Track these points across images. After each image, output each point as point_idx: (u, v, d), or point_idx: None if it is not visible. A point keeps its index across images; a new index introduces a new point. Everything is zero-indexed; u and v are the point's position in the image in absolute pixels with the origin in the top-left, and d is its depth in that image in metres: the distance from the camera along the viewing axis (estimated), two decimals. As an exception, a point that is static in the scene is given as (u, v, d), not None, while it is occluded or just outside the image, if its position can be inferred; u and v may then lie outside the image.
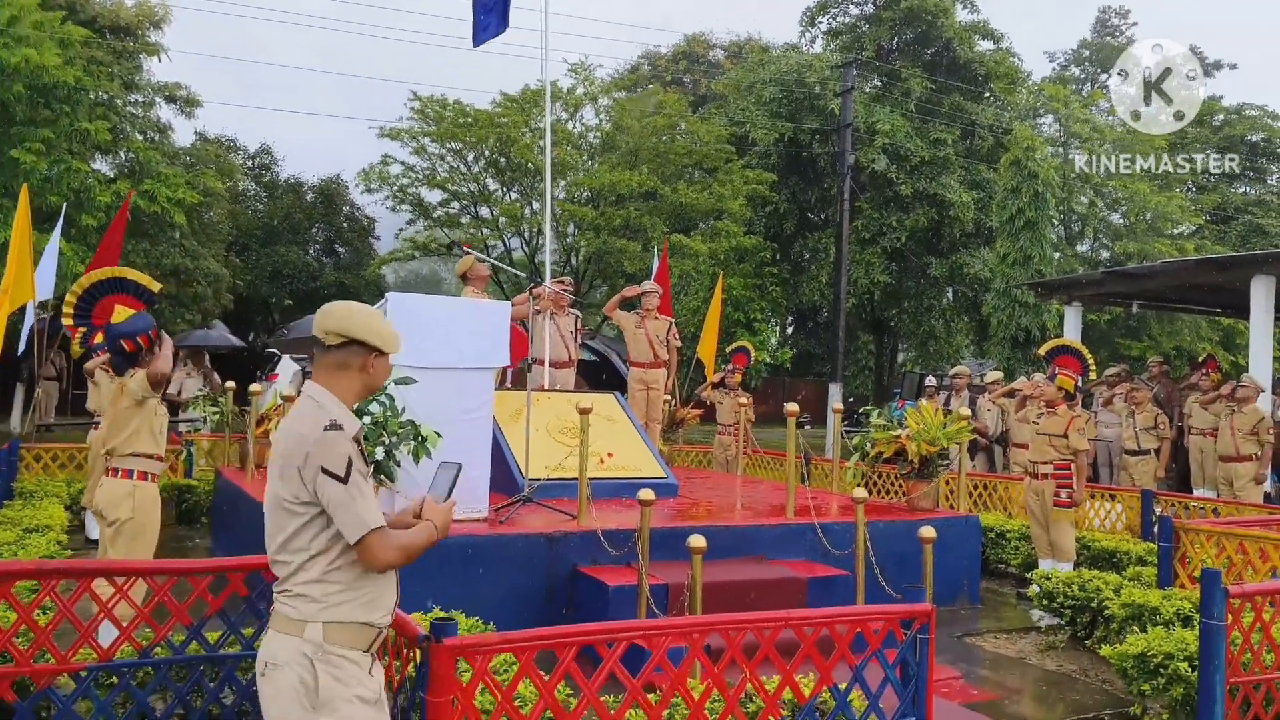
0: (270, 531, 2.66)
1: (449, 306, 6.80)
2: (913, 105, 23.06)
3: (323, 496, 2.55)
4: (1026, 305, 19.08)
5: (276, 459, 2.63)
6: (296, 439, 2.58)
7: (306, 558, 2.59)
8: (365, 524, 2.58)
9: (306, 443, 2.55)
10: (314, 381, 2.72)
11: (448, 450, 6.38)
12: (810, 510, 7.29)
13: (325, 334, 2.69)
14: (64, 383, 19.20)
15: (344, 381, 2.71)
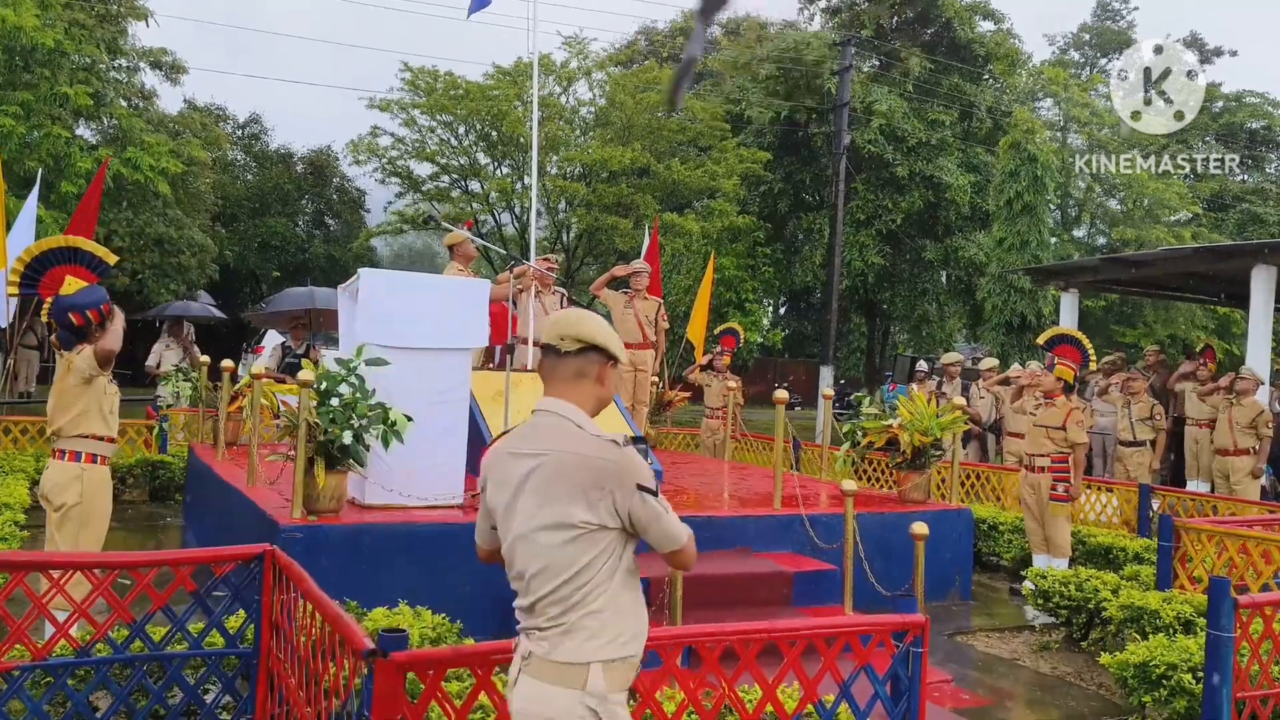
0: (539, 569, 2.32)
1: (424, 284, 6.50)
2: (911, 86, 22.69)
3: (636, 514, 2.32)
4: (1022, 290, 18.82)
5: (547, 486, 2.33)
6: (579, 461, 2.31)
7: (592, 589, 2.31)
8: (682, 530, 2.42)
9: (604, 463, 2.30)
10: (554, 396, 2.43)
11: (421, 435, 6.11)
12: (798, 501, 7.04)
13: (561, 339, 2.43)
14: (45, 351, 18.86)
15: (583, 392, 2.45)
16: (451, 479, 6.47)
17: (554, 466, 2.32)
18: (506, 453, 2.41)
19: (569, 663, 2.27)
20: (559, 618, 2.29)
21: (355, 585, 5.67)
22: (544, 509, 2.31)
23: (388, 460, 6.06)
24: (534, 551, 2.32)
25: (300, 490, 5.68)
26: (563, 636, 2.28)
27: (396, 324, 6.24)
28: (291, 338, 11.57)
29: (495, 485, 2.43)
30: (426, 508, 6.29)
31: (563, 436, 2.36)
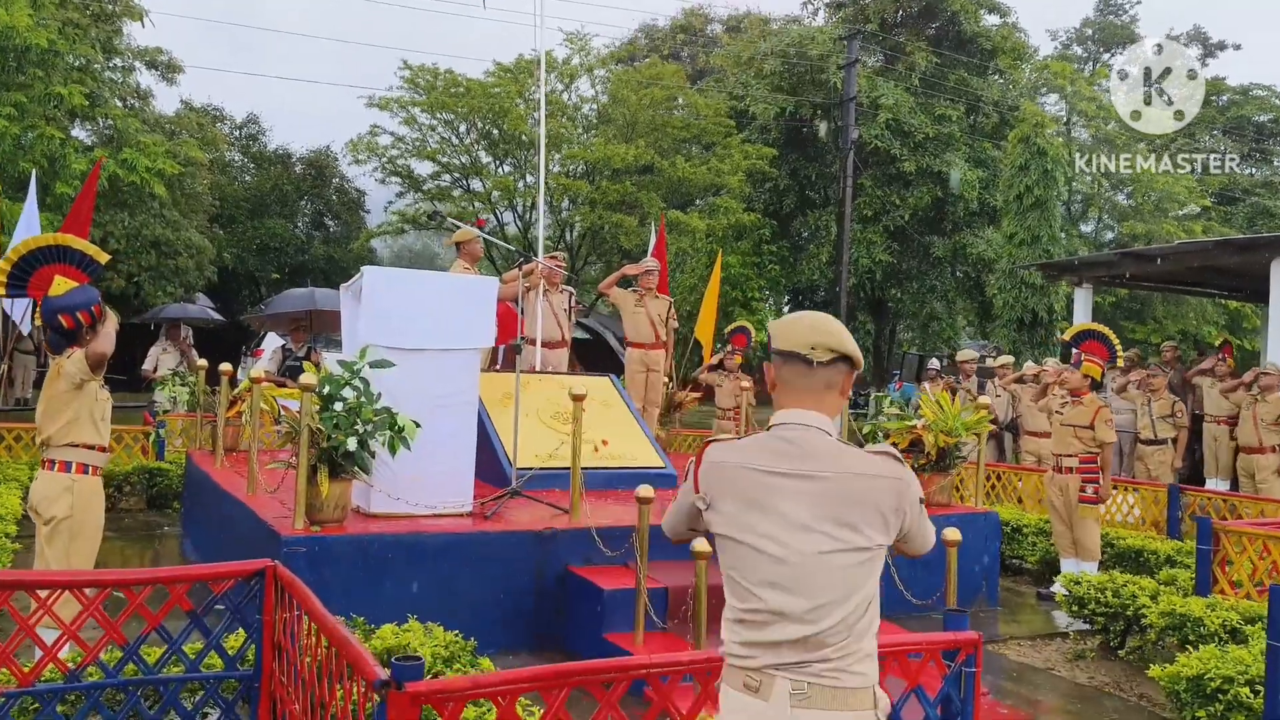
0: (831, 598, 2.13)
1: (430, 282, 6.24)
2: (917, 80, 22.42)
3: (912, 526, 2.28)
4: (1033, 286, 18.54)
5: (838, 509, 2.15)
6: (872, 483, 2.17)
7: (874, 609, 2.20)
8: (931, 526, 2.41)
9: (898, 483, 2.21)
10: (802, 408, 2.23)
11: (428, 440, 5.86)
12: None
13: (813, 349, 2.23)
14: (41, 356, 18.61)
15: (830, 404, 2.27)
16: (460, 486, 6.22)
17: (842, 488, 2.15)
18: (755, 469, 2.18)
19: (859, 688, 2.14)
20: (849, 645, 2.14)
21: (361, 598, 5.43)
22: (837, 533, 2.14)
23: (393, 467, 5.81)
24: (826, 580, 2.13)
25: (303, 500, 5.42)
26: (853, 662, 2.14)
27: (401, 324, 5.99)
28: (292, 340, 11.32)
29: (740, 504, 2.19)
30: (434, 516, 6.03)
31: (838, 455, 2.19)
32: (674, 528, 2.42)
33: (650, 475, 7.93)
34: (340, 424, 5.43)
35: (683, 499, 2.33)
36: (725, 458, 2.23)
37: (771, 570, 2.13)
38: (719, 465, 2.23)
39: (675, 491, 2.25)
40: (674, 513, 2.39)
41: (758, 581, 2.14)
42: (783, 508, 2.14)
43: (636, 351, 10.14)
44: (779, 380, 2.28)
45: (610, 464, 7.85)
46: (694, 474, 2.28)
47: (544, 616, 5.92)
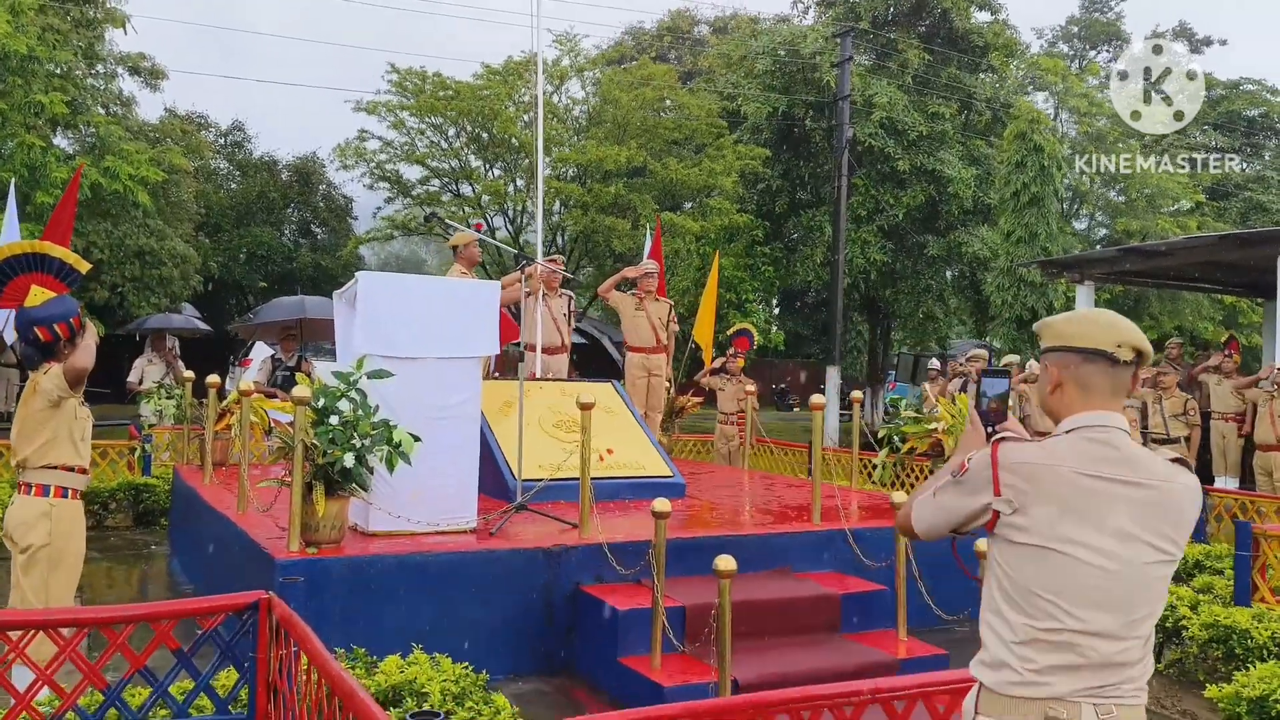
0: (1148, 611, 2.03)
1: (429, 288, 5.93)
2: (910, 78, 22.20)
3: None
4: (1032, 284, 18.31)
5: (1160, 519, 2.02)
6: (1184, 491, 2.06)
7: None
8: None
9: (1194, 491, 2.08)
10: (1105, 410, 2.08)
11: (429, 454, 5.55)
12: (840, 514, 6.49)
13: (1119, 346, 2.09)
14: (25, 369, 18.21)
15: (1121, 404, 2.17)
16: (463, 501, 5.91)
17: (1166, 497, 2.04)
18: (1078, 473, 2.01)
19: (1145, 705, 2.07)
20: (1148, 661, 2.05)
21: (361, 623, 5.11)
22: (1159, 544, 2.03)
23: (393, 483, 5.49)
24: (1144, 594, 2.02)
25: (298, 520, 5.10)
26: (1147, 678, 2.06)
27: (399, 332, 5.67)
28: (281, 349, 10.98)
29: (1058, 511, 2.00)
30: (437, 533, 5.72)
31: (1152, 461, 2.07)
32: (933, 526, 2.21)
33: (658, 485, 7.66)
34: (336, 438, 5.11)
35: (961, 499, 2.12)
36: (1035, 458, 2.03)
37: (1094, 585, 1.97)
38: (1030, 466, 2.02)
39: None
40: (938, 510, 2.18)
41: (1074, 598, 1.97)
42: (1110, 517, 1.99)
43: (637, 356, 9.85)
44: (1073, 381, 2.11)
45: (616, 474, 7.55)
46: (991, 474, 2.05)
47: (554, 639, 5.61)
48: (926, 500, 2.19)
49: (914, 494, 2.29)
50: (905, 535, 2.31)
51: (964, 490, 2.09)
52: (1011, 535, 2.02)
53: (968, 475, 2.09)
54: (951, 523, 2.15)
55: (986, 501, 2.04)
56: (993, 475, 2.03)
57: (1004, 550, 2.04)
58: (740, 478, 9.51)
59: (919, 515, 2.22)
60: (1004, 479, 2.02)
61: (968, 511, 2.10)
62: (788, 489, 8.54)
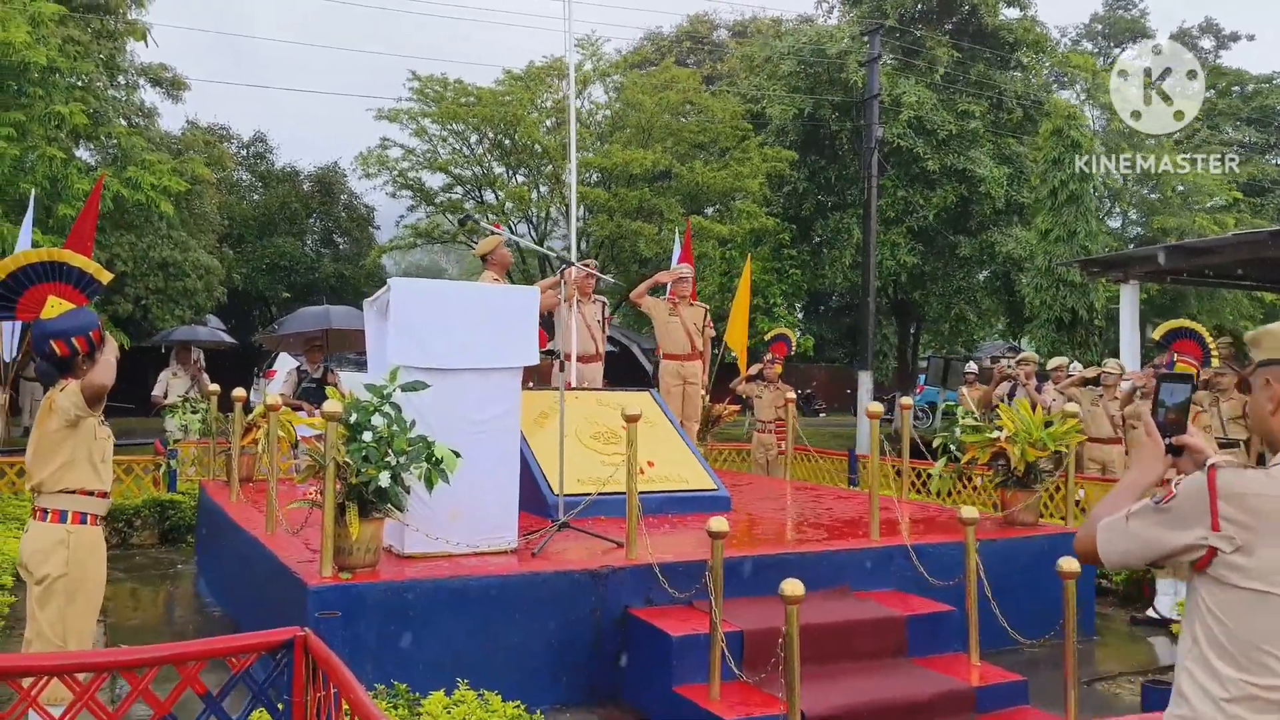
0: None
1: (464, 293, 5.61)
2: (938, 76, 21.79)
3: None
4: (1071, 284, 17.84)
5: None
6: None
7: None
8: None
9: None
10: None
11: (467, 470, 5.22)
12: (900, 529, 6.12)
13: None
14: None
15: None
16: (504, 520, 5.59)
17: None
18: None
19: None
20: None
21: (399, 653, 4.80)
22: None
23: (429, 502, 5.18)
24: None
25: (330, 543, 4.78)
26: None
27: (434, 341, 5.36)
28: (307, 361, 10.71)
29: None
30: (476, 555, 5.40)
31: None
32: (1127, 556, 1.94)
33: (702, 499, 7.33)
34: (370, 456, 4.80)
35: (1166, 531, 1.84)
36: (1262, 489, 1.75)
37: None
38: (1257, 498, 1.74)
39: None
40: (1134, 540, 1.89)
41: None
42: None
43: (672, 364, 9.52)
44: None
45: (658, 488, 7.21)
46: (1209, 504, 1.77)
47: (602, 667, 5.27)
48: (1117, 526, 1.86)
49: (1094, 513, 1.95)
50: (1087, 562, 2.06)
51: (1170, 521, 1.77)
52: (1229, 577, 1.73)
53: (1175, 503, 1.77)
54: (1150, 556, 1.86)
55: (1201, 536, 1.75)
56: (1210, 506, 1.72)
57: (1217, 593, 1.74)
58: (783, 489, 9.14)
59: (1109, 544, 1.90)
60: (1224, 511, 1.71)
61: (1174, 546, 1.80)
62: (835, 501, 8.18)
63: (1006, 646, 5.75)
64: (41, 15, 14.65)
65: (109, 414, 4.58)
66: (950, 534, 6.38)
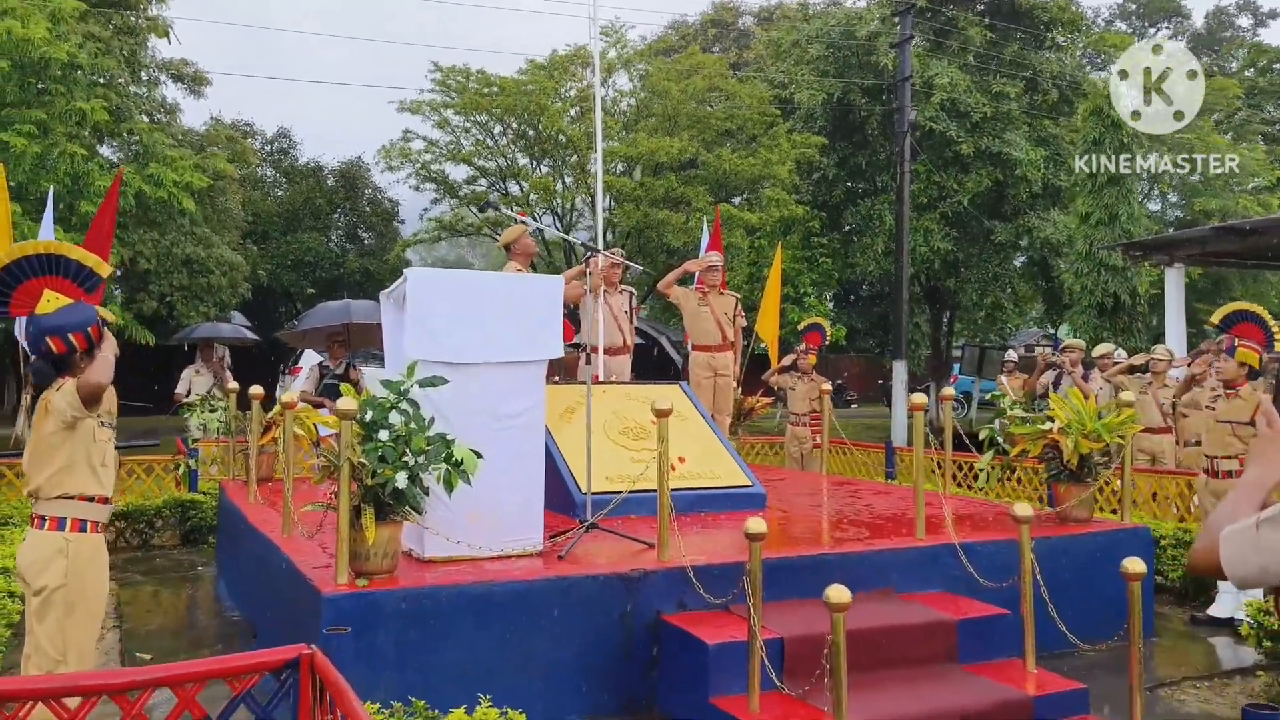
0: None
1: (485, 285, 5.33)
2: (971, 57, 21.26)
3: None
4: (1114, 268, 17.32)
5: None
6: None
7: None
8: None
9: None
10: None
11: (490, 469, 4.95)
12: (946, 525, 5.78)
13: None
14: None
15: None
16: (529, 521, 5.30)
17: None
18: None
19: None
20: None
21: (418, 663, 4.54)
22: None
23: (449, 503, 4.91)
24: None
25: (345, 549, 4.52)
26: None
27: (454, 334, 5.08)
28: (329, 357, 10.50)
29: None
30: (500, 558, 5.12)
31: None
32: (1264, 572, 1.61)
33: (736, 496, 7.02)
34: (387, 456, 4.53)
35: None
36: None
37: None
38: None
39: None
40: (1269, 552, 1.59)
41: None
42: None
43: (702, 355, 9.21)
44: None
45: (690, 484, 6.91)
46: None
47: (633, 675, 4.98)
48: (1246, 537, 1.54)
49: (1210, 520, 1.63)
50: (1208, 575, 1.68)
51: None
52: None
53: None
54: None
55: None
56: None
57: None
58: (819, 484, 8.82)
59: (1239, 558, 1.59)
60: None
61: None
62: (875, 496, 7.84)
63: (1060, 650, 5.43)
64: (62, 11, 14.55)
65: (126, 413, 4.35)
66: (1000, 531, 6.05)
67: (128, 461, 9.69)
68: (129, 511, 9.06)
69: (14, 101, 14.37)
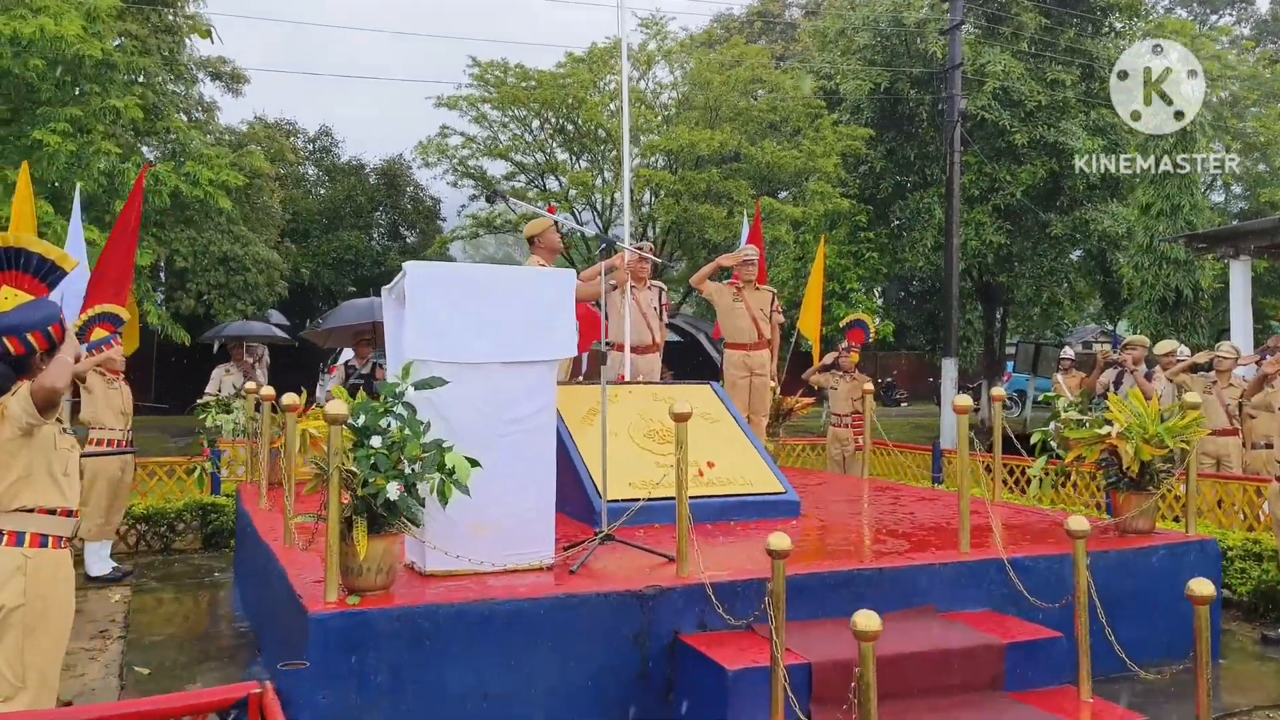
0: None
1: (489, 278, 4.96)
2: (1025, 43, 20.51)
3: None
4: (1176, 261, 16.54)
5: None
6: None
7: None
8: None
9: None
10: None
11: (496, 476, 4.61)
12: (994, 537, 5.32)
13: None
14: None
15: None
16: (538, 532, 4.94)
17: None
18: None
19: None
20: None
21: (415, 689, 4.20)
22: None
23: (451, 513, 4.58)
24: None
25: (335, 565, 4.19)
26: None
27: (457, 332, 4.74)
28: (356, 356, 10.25)
29: None
30: (506, 573, 4.77)
31: None
32: None
33: (767, 503, 6.61)
34: (379, 464, 4.20)
35: None
36: None
37: None
38: None
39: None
40: None
41: None
42: None
43: (737, 353, 8.80)
44: None
45: (718, 492, 6.52)
46: None
47: (650, 701, 4.60)
48: None
49: None
50: None
51: None
52: None
53: None
54: None
55: None
56: None
57: None
58: (859, 489, 8.36)
59: None
60: None
61: None
62: (918, 503, 7.37)
63: (1117, 675, 4.95)
64: (98, 10, 14.49)
65: (143, 413, 4.06)
66: (1053, 544, 5.58)
67: (149, 463, 9.53)
68: (149, 515, 8.89)
69: (50, 100, 14.34)
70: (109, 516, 7.96)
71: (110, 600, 7.34)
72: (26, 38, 12.97)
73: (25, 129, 13.84)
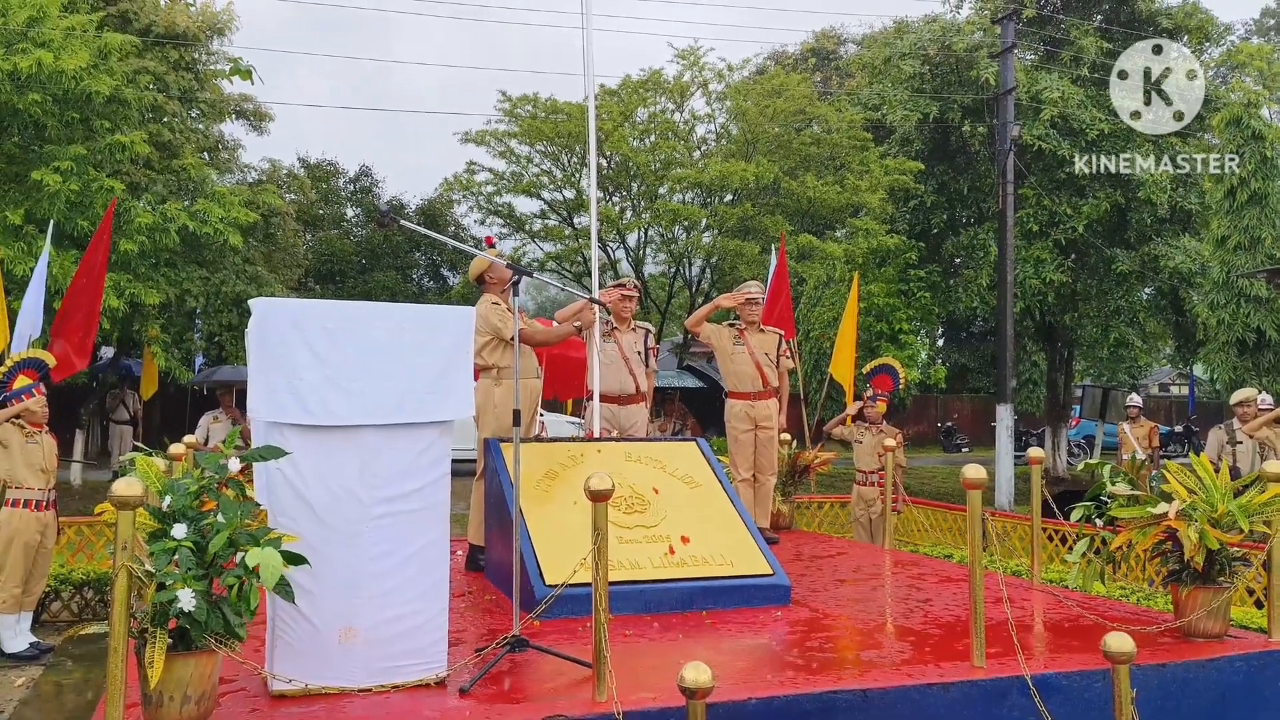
0: None
1: (363, 317, 3.98)
2: (1085, 70, 19.22)
3: None
4: (1257, 299, 15.02)
5: None
6: None
7: None
8: None
9: None
10: None
11: (366, 571, 3.63)
12: (1017, 653, 4.16)
13: None
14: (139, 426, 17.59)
15: None
16: (426, 639, 3.91)
17: None
18: None
19: None
20: None
21: None
22: None
23: (316, 619, 3.61)
24: None
25: (119, 696, 3.21)
26: None
27: (314, 387, 3.77)
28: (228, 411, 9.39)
29: None
30: (379, 692, 3.75)
31: None
32: None
33: (751, 588, 5.50)
34: (185, 562, 3.23)
35: None
36: None
37: None
38: None
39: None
40: None
41: None
42: None
43: (740, 404, 7.73)
44: None
45: (689, 574, 5.45)
46: None
47: None
48: None
49: None
50: None
51: None
52: None
53: None
54: None
55: None
56: None
57: None
58: (877, 563, 7.19)
59: None
60: None
61: None
62: (940, 586, 6.19)
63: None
64: (109, 47, 14.09)
65: None
66: (1096, 650, 4.39)
67: (97, 523, 8.75)
68: (85, 582, 8.07)
69: (55, 138, 13.93)
70: (28, 586, 7.13)
71: (13, 684, 6.49)
72: (25, 72, 12.52)
73: (30, 168, 13.39)
